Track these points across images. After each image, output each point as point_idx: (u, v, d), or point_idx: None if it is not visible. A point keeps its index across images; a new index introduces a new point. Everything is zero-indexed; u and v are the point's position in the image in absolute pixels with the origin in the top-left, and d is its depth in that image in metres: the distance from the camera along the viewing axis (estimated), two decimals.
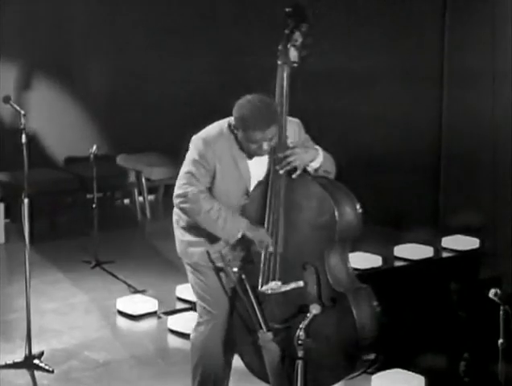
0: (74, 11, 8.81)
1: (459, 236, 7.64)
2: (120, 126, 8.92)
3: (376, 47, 8.08)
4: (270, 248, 4.11)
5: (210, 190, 4.16)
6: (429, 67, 8.02)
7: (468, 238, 7.61)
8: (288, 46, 4.11)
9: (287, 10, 4.12)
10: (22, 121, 5.19)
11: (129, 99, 8.95)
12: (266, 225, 4.14)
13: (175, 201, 4.14)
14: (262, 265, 4.14)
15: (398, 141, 8.08)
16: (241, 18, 8.67)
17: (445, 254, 7.48)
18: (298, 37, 4.10)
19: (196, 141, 4.12)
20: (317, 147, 4.17)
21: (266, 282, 4.12)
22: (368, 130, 8.14)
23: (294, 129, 4.20)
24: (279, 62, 4.12)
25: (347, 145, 7.82)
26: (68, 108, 8.98)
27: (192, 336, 4.40)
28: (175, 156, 7.01)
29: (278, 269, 4.12)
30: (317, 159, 4.11)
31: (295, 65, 4.12)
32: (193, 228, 4.22)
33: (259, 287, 4.12)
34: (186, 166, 4.14)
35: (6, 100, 5.32)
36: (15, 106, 5.34)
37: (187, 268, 4.35)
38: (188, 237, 4.26)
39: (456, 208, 7.87)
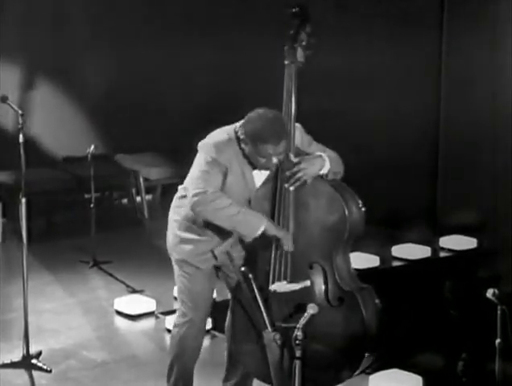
0: (73, 11, 8.79)
1: (456, 236, 7.65)
2: (118, 126, 8.89)
3: (375, 46, 8.11)
4: (291, 247, 4.08)
5: None
6: (428, 67, 8.04)
7: (465, 238, 7.63)
8: (295, 46, 4.12)
9: (293, 10, 4.14)
10: (20, 120, 5.15)
11: (127, 98, 8.92)
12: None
13: (194, 200, 4.05)
14: (272, 264, 4.13)
15: (395, 141, 8.08)
16: (242, 18, 8.67)
17: (443, 254, 7.51)
18: (304, 37, 4.13)
19: (207, 147, 4.10)
20: (321, 153, 4.15)
21: (277, 281, 4.12)
22: (366, 130, 8.14)
23: (297, 132, 4.19)
24: (287, 62, 4.13)
25: (345, 146, 7.80)
26: (66, 107, 8.95)
27: (171, 334, 4.47)
28: (173, 156, 7.04)
29: (289, 269, 4.11)
30: (325, 166, 4.12)
31: (301, 65, 4.13)
32: (189, 226, 4.23)
33: (269, 285, 4.12)
34: (199, 167, 4.10)
35: (4, 99, 5.29)
36: (13, 106, 5.31)
37: (174, 267, 4.37)
38: (182, 233, 4.26)
39: (454, 208, 7.87)
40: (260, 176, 4.19)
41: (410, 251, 7.34)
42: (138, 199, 8.87)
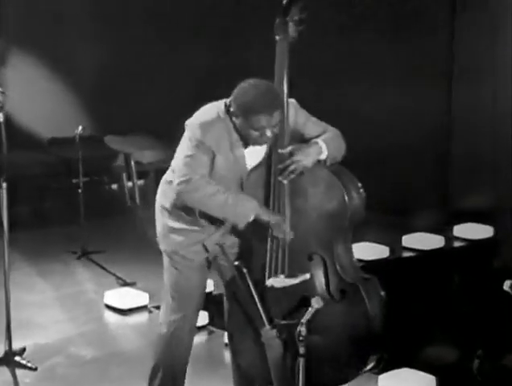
0: None
1: (471, 224, 7.67)
2: (108, 105, 8.88)
3: (382, 42, 8.21)
4: (288, 234, 3.97)
5: None
6: (439, 58, 8.18)
7: (481, 226, 7.66)
8: (287, 20, 4.06)
9: None
10: (1, 99, 4.99)
11: (117, 77, 8.95)
12: None
13: (178, 188, 3.98)
14: (268, 257, 4.01)
15: (406, 126, 8.10)
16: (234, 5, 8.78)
17: (457, 243, 7.52)
18: (295, 12, 4.07)
19: (193, 127, 3.97)
20: (317, 140, 4.01)
21: (274, 275, 3.99)
22: (377, 118, 8.18)
23: (291, 110, 4.07)
24: (278, 37, 4.06)
25: (355, 133, 7.80)
26: (53, 86, 8.97)
27: (158, 334, 4.32)
28: (167, 138, 6.87)
29: (286, 261, 3.98)
30: (322, 154, 4.00)
31: (293, 40, 4.06)
32: (179, 214, 4.12)
33: (266, 280, 3.99)
34: (185, 152, 4.00)
35: None
36: None
37: (164, 259, 4.26)
38: (172, 223, 4.15)
39: (468, 194, 7.91)
40: (252, 155, 4.04)
41: (421, 240, 7.29)
42: (130, 184, 8.90)
